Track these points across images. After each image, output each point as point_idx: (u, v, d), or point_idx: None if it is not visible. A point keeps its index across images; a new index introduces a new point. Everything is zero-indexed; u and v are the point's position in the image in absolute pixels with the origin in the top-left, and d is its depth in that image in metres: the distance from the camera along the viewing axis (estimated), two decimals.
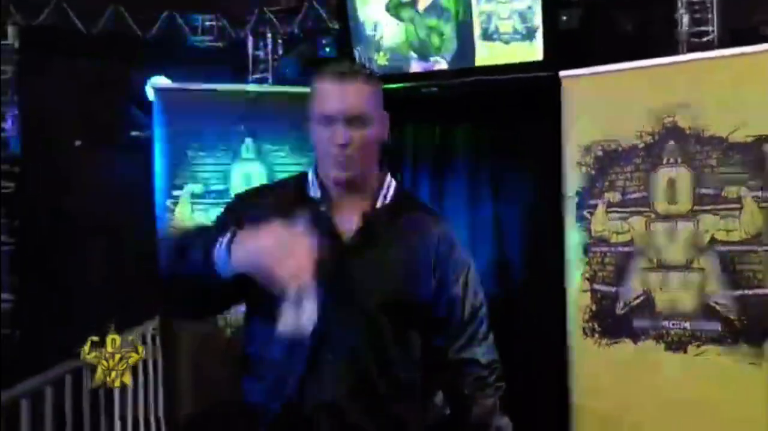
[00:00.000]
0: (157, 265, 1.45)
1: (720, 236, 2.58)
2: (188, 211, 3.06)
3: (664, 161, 2.69)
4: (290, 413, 1.35)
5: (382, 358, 1.36)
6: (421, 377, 1.43)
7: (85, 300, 3.43)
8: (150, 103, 3.38)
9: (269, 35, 3.74)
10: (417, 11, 3.01)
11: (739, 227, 2.55)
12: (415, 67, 3.29)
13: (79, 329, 2.42)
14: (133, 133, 3.50)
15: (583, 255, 2.86)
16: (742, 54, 2.57)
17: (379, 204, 1.43)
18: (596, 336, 2.83)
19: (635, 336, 2.76)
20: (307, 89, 1.40)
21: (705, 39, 2.85)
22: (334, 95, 1.35)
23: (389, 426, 1.38)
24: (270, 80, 3.71)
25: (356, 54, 3.29)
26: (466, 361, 1.45)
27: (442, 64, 3.21)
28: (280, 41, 3.79)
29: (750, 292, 2.54)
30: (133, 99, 3.50)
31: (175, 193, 3.07)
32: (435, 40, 3.02)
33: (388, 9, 3.20)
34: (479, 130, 3.56)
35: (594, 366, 2.84)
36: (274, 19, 3.74)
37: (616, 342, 2.79)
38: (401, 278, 1.39)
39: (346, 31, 3.31)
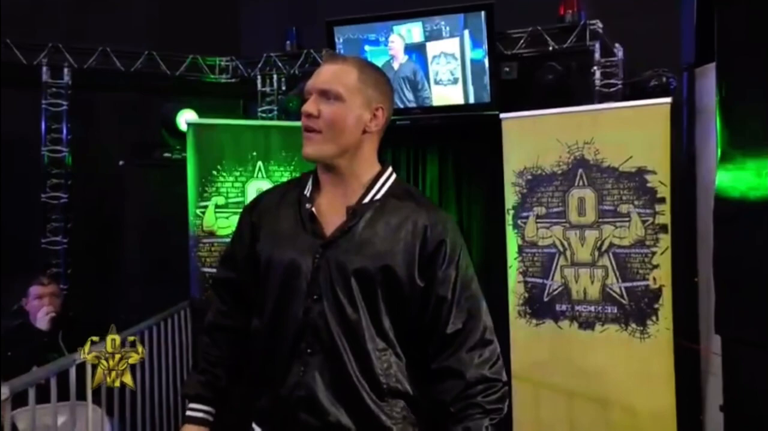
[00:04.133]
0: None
1: (615, 241, 3.13)
2: (213, 217, 3.43)
3: (576, 184, 3.24)
4: (276, 406, 1.31)
5: (362, 358, 1.26)
6: (408, 384, 1.30)
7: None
8: (179, 130, 3.92)
9: (275, 75, 4.24)
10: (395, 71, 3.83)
11: (628, 235, 3.11)
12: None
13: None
14: (165, 154, 3.98)
15: (518, 255, 3.36)
16: (631, 107, 3.17)
17: (367, 199, 1.32)
18: (527, 316, 3.34)
19: (556, 317, 3.26)
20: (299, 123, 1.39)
21: (613, 89, 3.46)
22: (313, 75, 1.35)
23: (371, 428, 1.27)
24: (275, 113, 4.19)
25: None
26: (449, 372, 1.27)
27: (412, 104, 3.90)
28: (283, 80, 4.26)
29: (635, 284, 3.09)
30: (165, 126, 3.96)
31: (203, 203, 3.45)
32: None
33: None
34: (444, 154, 4.09)
35: (526, 340, 3.31)
36: (279, 63, 4.27)
37: (542, 322, 3.30)
38: (377, 254, 1.27)
39: None
